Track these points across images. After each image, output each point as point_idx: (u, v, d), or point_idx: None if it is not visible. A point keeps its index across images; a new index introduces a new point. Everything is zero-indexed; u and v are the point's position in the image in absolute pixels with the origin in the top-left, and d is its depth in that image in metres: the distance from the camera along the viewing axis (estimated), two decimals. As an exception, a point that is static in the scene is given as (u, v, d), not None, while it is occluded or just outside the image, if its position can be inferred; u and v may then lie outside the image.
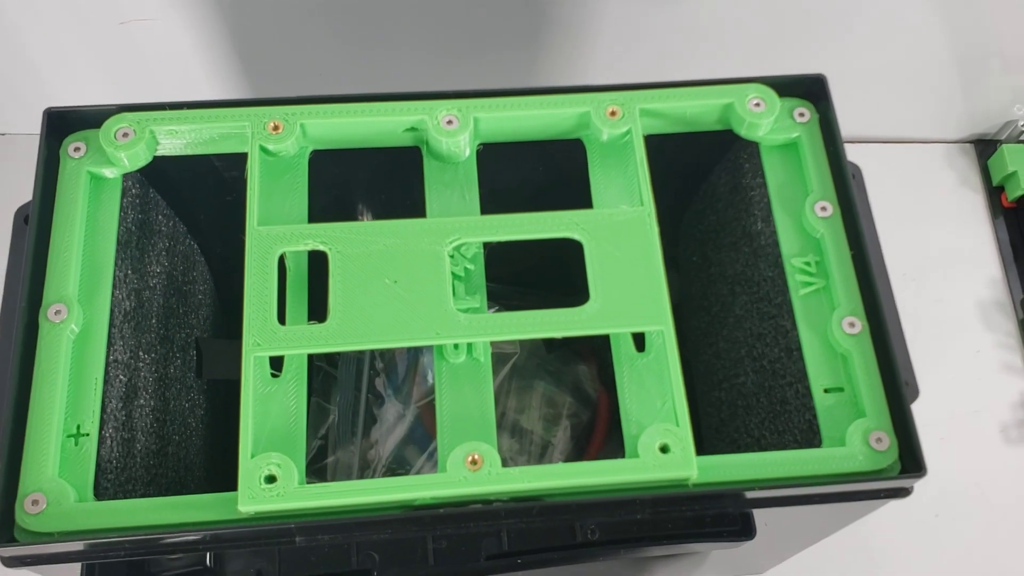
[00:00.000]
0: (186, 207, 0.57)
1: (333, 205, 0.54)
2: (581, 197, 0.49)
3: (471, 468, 0.41)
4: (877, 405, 0.44)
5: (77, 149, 0.48)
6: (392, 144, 0.49)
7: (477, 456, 0.41)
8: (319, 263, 0.46)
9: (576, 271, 0.46)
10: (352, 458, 0.64)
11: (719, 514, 0.54)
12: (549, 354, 0.70)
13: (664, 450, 0.42)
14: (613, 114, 0.49)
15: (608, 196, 0.49)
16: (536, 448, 0.66)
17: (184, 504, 0.41)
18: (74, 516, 0.40)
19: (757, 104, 0.50)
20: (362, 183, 0.59)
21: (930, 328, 0.85)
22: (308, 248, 0.45)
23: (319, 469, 0.65)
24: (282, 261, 0.46)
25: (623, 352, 0.46)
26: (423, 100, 0.48)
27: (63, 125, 0.48)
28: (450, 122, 0.48)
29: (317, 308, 0.46)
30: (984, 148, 0.94)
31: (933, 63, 0.84)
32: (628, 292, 0.45)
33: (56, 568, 0.43)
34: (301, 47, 0.79)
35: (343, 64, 0.81)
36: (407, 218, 0.46)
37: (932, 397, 0.80)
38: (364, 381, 0.66)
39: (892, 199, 0.90)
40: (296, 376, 0.44)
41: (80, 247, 0.46)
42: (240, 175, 0.47)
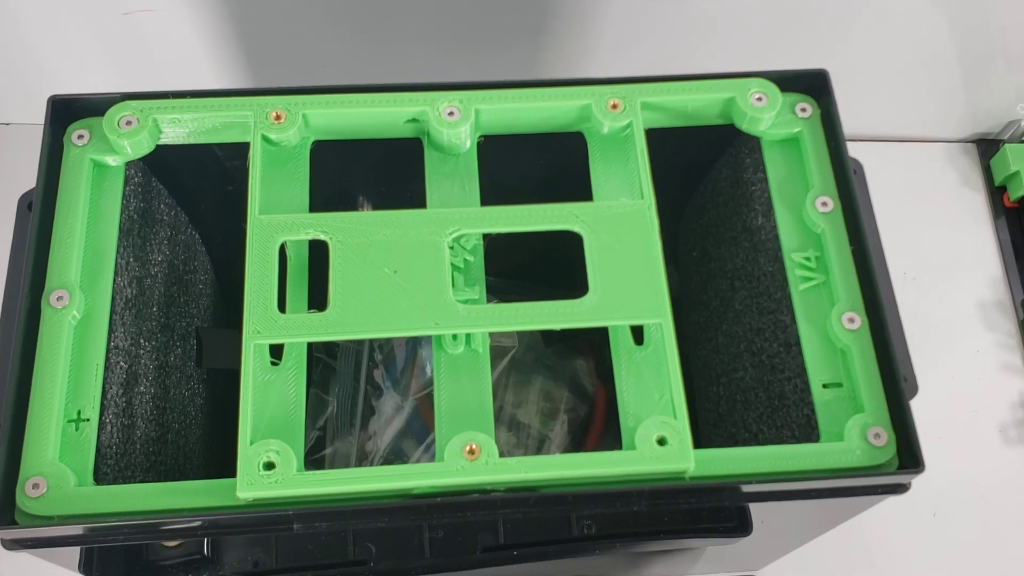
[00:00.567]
0: (188, 196, 0.57)
1: (334, 197, 0.54)
2: (581, 190, 0.49)
3: (468, 458, 0.41)
4: (876, 401, 0.44)
5: (81, 137, 0.48)
6: (393, 135, 0.50)
7: (475, 446, 0.41)
8: (319, 253, 0.46)
9: (575, 266, 0.46)
10: (350, 449, 0.64)
11: (715, 509, 0.54)
12: (547, 348, 0.70)
13: (661, 442, 0.42)
14: (614, 107, 0.49)
15: (608, 189, 0.49)
16: (533, 442, 0.66)
17: (183, 490, 0.41)
18: (74, 500, 0.40)
19: (759, 99, 0.50)
20: (363, 175, 0.59)
21: (930, 327, 0.85)
22: (309, 237, 0.46)
23: (317, 460, 0.65)
24: (283, 251, 0.46)
25: (621, 345, 0.46)
26: (424, 91, 0.48)
27: (67, 113, 0.48)
28: (451, 113, 0.48)
29: (317, 298, 0.46)
30: (986, 148, 0.94)
31: (937, 61, 0.84)
32: (627, 285, 0.45)
33: (56, 552, 0.43)
34: (304, 38, 0.79)
35: (346, 56, 0.81)
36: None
37: (931, 396, 0.80)
38: (363, 372, 0.66)
39: (893, 198, 0.90)
40: (296, 365, 0.44)
41: (82, 234, 0.46)
42: (242, 165, 0.47)
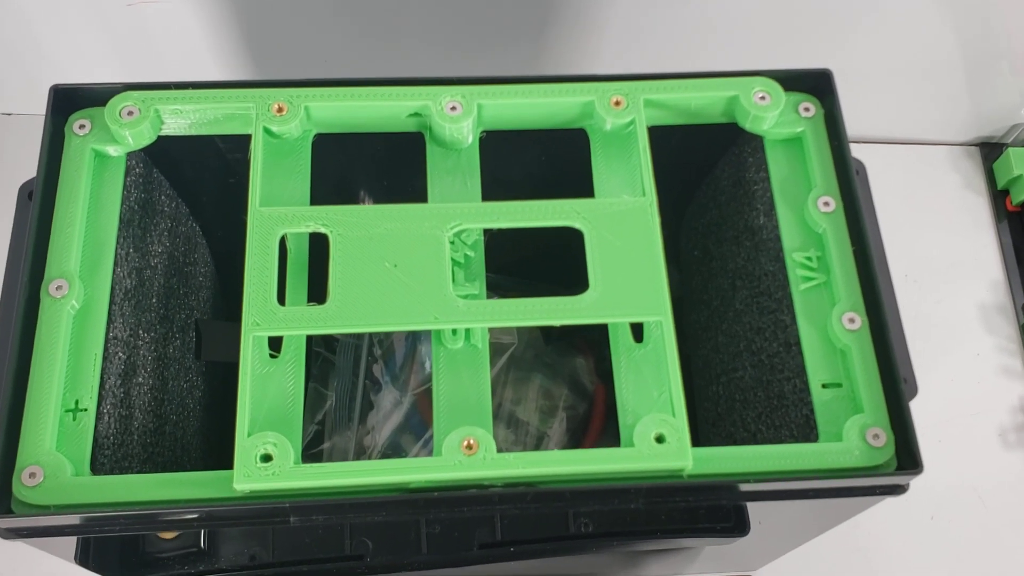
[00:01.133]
0: (189, 188, 0.57)
1: (335, 190, 0.54)
2: (583, 187, 0.49)
3: (466, 453, 0.41)
4: (875, 401, 0.44)
5: (82, 126, 0.48)
6: (395, 129, 0.49)
7: (472, 441, 0.41)
8: (320, 246, 0.46)
9: (576, 263, 0.46)
10: (348, 444, 0.64)
11: (713, 508, 0.54)
12: (547, 346, 0.70)
13: (660, 440, 0.42)
14: (617, 104, 0.49)
15: (610, 186, 0.48)
16: (531, 439, 0.66)
17: (180, 481, 0.41)
18: (70, 490, 0.40)
19: (762, 97, 0.49)
20: (364, 169, 0.59)
21: (931, 330, 0.85)
22: (309, 230, 0.45)
23: (315, 454, 0.65)
24: (283, 243, 0.46)
25: (621, 343, 0.46)
26: (427, 86, 0.48)
27: (69, 102, 0.48)
28: (454, 108, 0.48)
29: (317, 291, 0.46)
30: (989, 151, 0.94)
31: (940, 64, 0.84)
32: (628, 282, 0.45)
33: (52, 542, 0.43)
34: (307, 31, 0.79)
35: (349, 50, 0.81)
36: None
37: (931, 398, 0.80)
38: (362, 367, 0.66)
39: (896, 200, 0.90)
40: (294, 357, 0.44)
41: (83, 224, 0.46)
42: (243, 157, 0.47)
